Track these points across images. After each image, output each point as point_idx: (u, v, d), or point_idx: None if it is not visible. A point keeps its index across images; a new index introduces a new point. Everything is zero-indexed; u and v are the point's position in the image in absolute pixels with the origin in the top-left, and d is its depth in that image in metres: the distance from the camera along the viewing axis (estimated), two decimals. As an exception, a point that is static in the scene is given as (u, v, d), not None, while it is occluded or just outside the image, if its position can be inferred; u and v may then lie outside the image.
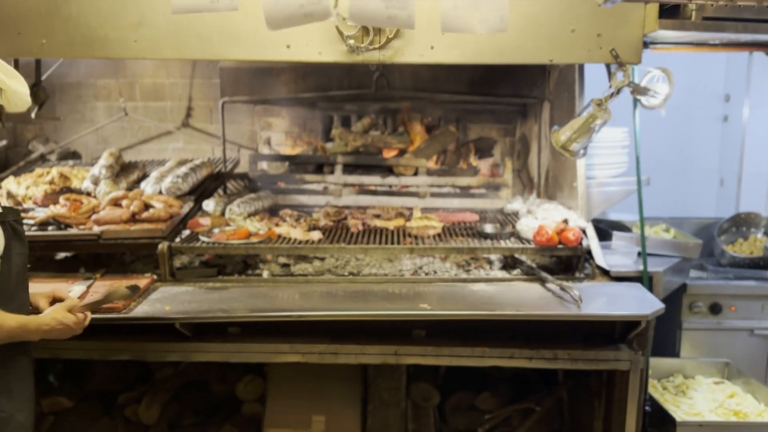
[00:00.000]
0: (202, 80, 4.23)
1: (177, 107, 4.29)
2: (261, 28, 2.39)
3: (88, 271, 2.81)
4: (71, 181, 3.40)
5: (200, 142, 4.34)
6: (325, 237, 2.92)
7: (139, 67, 4.18)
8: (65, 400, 3.09)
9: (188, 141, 4.35)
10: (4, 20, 2.46)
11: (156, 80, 4.24)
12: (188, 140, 4.34)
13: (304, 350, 2.47)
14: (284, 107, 4.10)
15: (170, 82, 4.25)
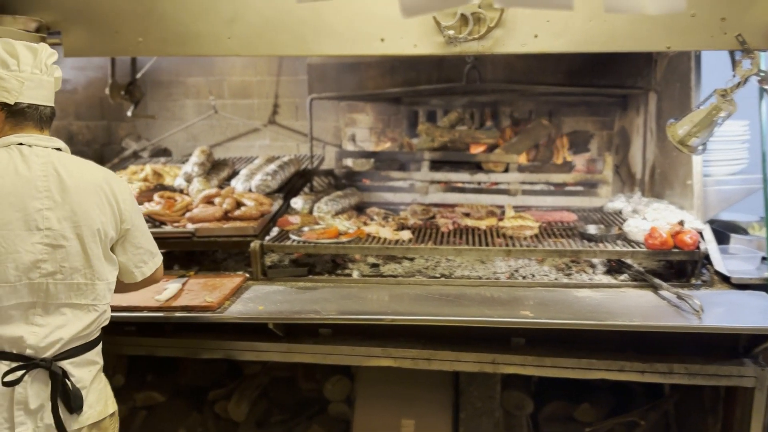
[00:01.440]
0: (288, 77, 4.23)
1: (264, 104, 4.32)
2: (355, 22, 2.33)
3: (181, 268, 2.84)
4: (164, 178, 3.46)
5: (286, 139, 4.36)
6: (414, 236, 2.83)
7: (227, 66, 4.23)
8: (158, 395, 3.15)
9: (274, 138, 4.38)
10: (102, 20, 2.50)
11: (244, 78, 4.28)
12: (274, 137, 4.37)
13: (397, 354, 2.39)
14: (369, 103, 4.04)
15: (257, 80, 4.28)
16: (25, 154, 1.75)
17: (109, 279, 1.86)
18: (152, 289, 2.45)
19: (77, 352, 1.82)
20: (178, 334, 2.53)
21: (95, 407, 1.87)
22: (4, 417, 1.74)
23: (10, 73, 1.75)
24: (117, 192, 1.88)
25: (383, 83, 3.48)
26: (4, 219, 1.69)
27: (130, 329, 2.50)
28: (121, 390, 3.11)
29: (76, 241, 1.77)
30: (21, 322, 1.74)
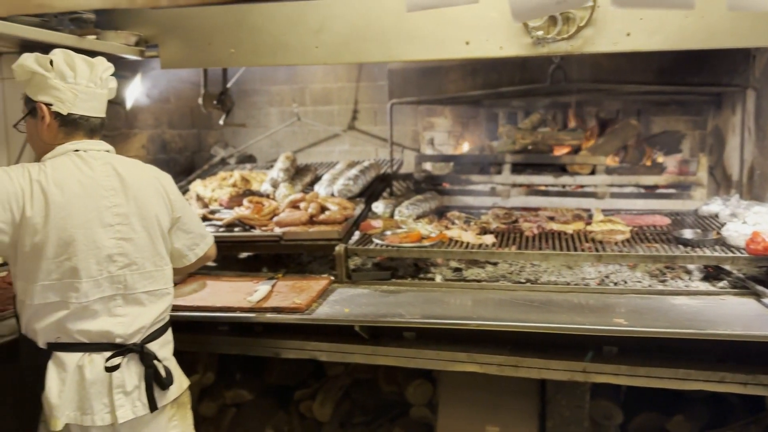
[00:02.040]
0: (367, 83, 4.29)
1: (343, 110, 4.40)
2: (439, 26, 2.34)
3: (269, 270, 2.93)
4: (251, 184, 3.58)
5: (365, 144, 4.42)
6: (498, 240, 2.79)
7: (309, 73, 4.34)
8: (246, 393, 3.26)
9: (353, 143, 4.44)
10: (196, 33, 2.62)
11: (325, 85, 4.37)
12: (353, 142, 4.44)
13: (482, 360, 2.36)
14: (447, 106, 4.03)
15: (338, 87, 4.36)
16: (85, 158, 1.86)
17: (169, 264, 2.02)
18: (245, 290, 2.56)
19: (158, 334, 1.97)
20: (267, 334, 2.61)
21: (175, 383, 2.00)
22: (104, 402, 1.85)
23: (66, 85, 1.85)
24: (166, 185, 2.03)
25: (464, 86, 3.47)
26: (80, 219, 1.79)
27: (223, 329, 2.60)
28: (212, 387, 3.25)
29: (143, 232, 1.90)
30: (105, 315, 1.85)
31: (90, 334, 1.84)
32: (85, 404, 1.85)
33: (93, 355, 1.85)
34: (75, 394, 1.86)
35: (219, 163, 4.23)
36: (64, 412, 1.85)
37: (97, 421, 1.85)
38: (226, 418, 3.20)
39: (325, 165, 3.98)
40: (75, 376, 1.85)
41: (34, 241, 1.77)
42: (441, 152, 3.91)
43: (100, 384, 1.85)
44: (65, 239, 1.78)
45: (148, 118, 3.65)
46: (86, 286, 1.81)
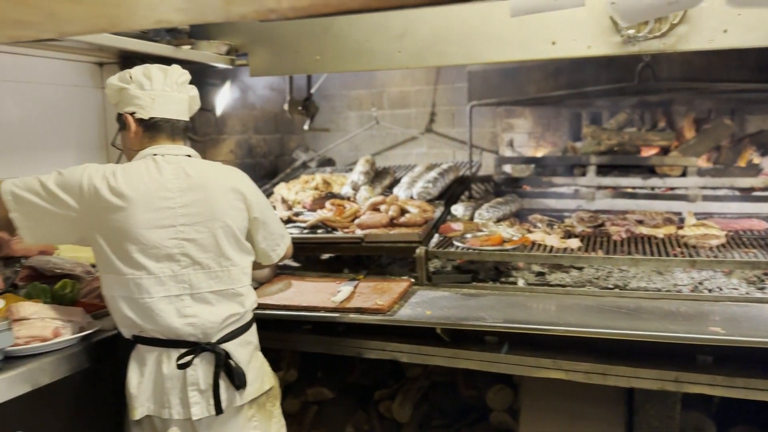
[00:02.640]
0: (445, 86, 4.30)
1: (421, 113, 4.42)
2: (524, 27, 2.32)
3: (350, 271, 2.99)
4: (332, 186, 3.66)
5: (442, 146, 4.42)
6: (583, 245, 2.73)
7: (387, 77, 4.39)
8: (327, 392, 3.33)
9: (431, 146, 4.46)
10: (283, 41, 2.71)
11: (402, 89, 4.41)
12: (431, 145, 4.45)
13: (568, 367, 2.31)
14: (527, 107, 3.98)
15: (415, 90, 4.39)
16: (158, 162, 1.94)
17: (241, 264, 2.03)
18: (328, 290, 2.62)
19: (235, 334, 2.01)
20: (349, 334, 2.65)
21: (254, 384, 2.04)
22: (179, 397, 1.93)
23: (144, 92, 1.97)
24: (242, 186, 2.05)
25: (546, 86, 3.41)
26: (143, 219, 1.87)
27: (306, 328, 2.67)
28: (294, 385, 3.34)
29: (208, 233, 1.94)
30: (175, 314, 1.91)
31: (163, 331, 1.92)
32: (162, 398, 1.94)
33: (170, 351, 1.93)
34: (153, 387, 1.94)
35: (300, 167, 4.34)
36: (143, 403, 1.94)
37: (174, 414, 1.93)
38: (308, 415, 3.28)
39: (403, 168, 4.01)
40: (153, 369, 1.94)
41: (100, 235, 1.89)
42: (521, 154, 3.86)
43: (175, 379, 1.93)
44: (125, 236, 1.86)
45: (236, 124, 3.81)
46: (147, 283, 1.88)
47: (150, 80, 1.98)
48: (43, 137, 2.84)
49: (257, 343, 2.15)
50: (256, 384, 2.06)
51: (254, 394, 2.05)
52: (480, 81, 3.63)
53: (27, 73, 2.74)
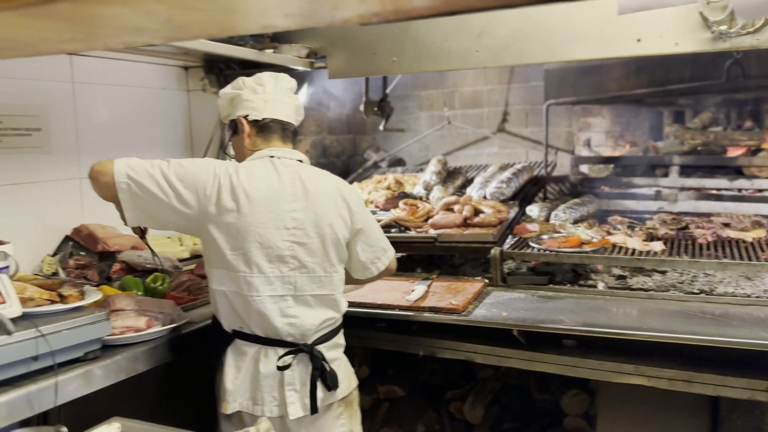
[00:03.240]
0: (518, 85, 4.24)
1: (493, 113, 4.38)
2: (608, 24, 2.26)
3: (423, 271, 3.00)
4: (404, 186, 3.68)
5: (514, 146, 4.36)
6: (667, 248, 2.63)
7: (459, 77, 4.37)
8: (398, 390, 3.35)
9: (503, 145, 4.41)
10: (361, 43, 2.76)
11: (474, 88, 4.38)
12: (503, 144, 4.40)
13: (651, 373, 2.24)
14: (605, 106, 3.87)
15: (488, 89, 4.35)
16: (276, 165, 1.99)
17: (341, 271, 2.08)
18: (402, 289, 2.65)
19: (328, 337, 2.06)
20: (422, 333, 2.67)
21: (343, 383, 2.08)
22: (274, 396, 1.98)
23: (256, 96, 2.05)
24: (348, 197, 2.08)
25: (627, 84, 3.31)
26: (261, 219, 1.92)
27: (380, 325, 2.70)
28: (366, 381, 3.37)
29: (317, 238, 1.98)
30: (278, 314, 1.96)
31: (265, 329, 1.97)
32: (257, 395, 1.99)
33: (268, 350, 1.98)
34: (248, 383, 2.00)
35: (372, 167, 4.39)
36: (237, 398, 2.00)
37: (266, 412, 1.98)
38: (379, 412, 3.31)
39: (475, 168, 3.99)
40: (250, 366, 2.00)
41: (216, 231, 1.92)
42: (598, 154, 3.76)
43: (272, 378, 1.98)
44: (243, 234, 1.91)
45: (312, 125, 3.89)
46: (257, 282, 1.93)
47: (262, 86, 2.07)
48: (133, 138, 3.00)
49: (343, 344, 2.20)
50: (345, 383, 2.11)
51: (344, 393, 2.10)
52: (557, 79, 3.57)
53: (118, 76, 2.90)
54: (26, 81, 2.51)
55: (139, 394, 2.09)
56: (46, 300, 1.81)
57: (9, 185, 2.44)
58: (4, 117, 2.43)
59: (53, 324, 1.71)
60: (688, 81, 3.13)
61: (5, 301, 1.69)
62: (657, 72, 3.20)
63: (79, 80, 2.71)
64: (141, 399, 2.13)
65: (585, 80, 3.44)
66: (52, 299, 1.82)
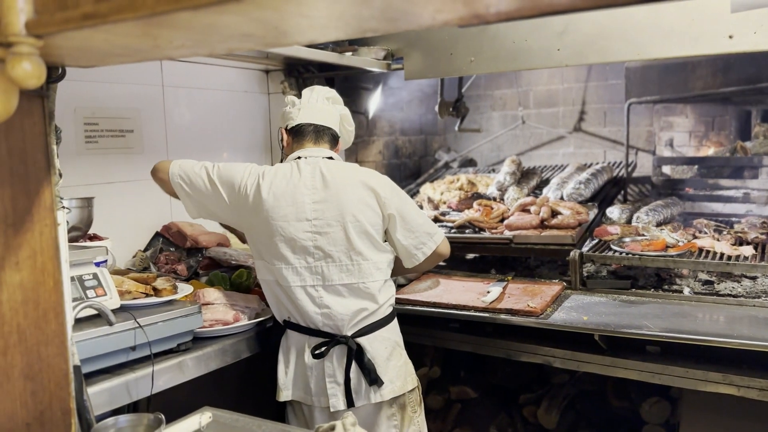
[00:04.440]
0: (596, 83, 4.13)
1: (569, 112, 4.29)
2: (697, 20, 2.18)
3: (497, 272, 2.97)
4: (477, 187, 3.66)
5: (591, 146, 4.26)
6: (758, 252, 2.51)
7: (534, 76, 4.30)
8: (471, 391, 3.34)
9: (579, 145, 4.31)
10: (438, 44, 2.76)
11: (550, 87, 4.30)
12: (579, 144, 4.30)
13: (741, 383, 2.14)
14: (688, 105, 3.72)
15: (564, 88, 4.27)
16: (300, 164, 2.08)
17: (374, 259, 2.06)
18: (477, 290, 2.64)
19: (370, 329, 2.06)
20: (497, 335, 2.64)
21: (395, 382, 2.06)
22: (320, 387, 2.03)
23: (293, 108, 2.18)
24: (375, 185, 2.08)
25: (714, 83, 3.17)
26: (282, 212, 2.01)
27: (454, 326, 2.70)
28: (438, 381, 3.38)
29: (339, 227, 2.01)
30: (311, 303, 2.02)
31: (305, 320, 2.04)
32: (306, 385, 2.05)
33: (311, 340, 2.04)
34: (299, 373, 2.07)
35: (443, 167, 4.38)
36: (288, 387, 2.08)
37: (315, 402, 2.04)
38: (452, 413, 3.31)
39: (550, 168, 3.92)
40: (297, 356, 2.07)
41: (249, 224, 2.08)
42: (681, 154, 3.62)
43: (315, 369, 2.03)
44: (270, 228, 2.02)
45: (385, 126, 3.93)
46: (287, 272, 2.02)
47: (300, 98, 2.22)
48: (216, 138, 3.12)
49: (399, 341, 2.17)
50: (398, 382, 2.08)
51: (395, 393, 2.08)
52: (639, 77, 3.45)
53: (203, 80, 3.03)
54: (121, 85, 2.65)
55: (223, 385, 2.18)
56: (142, 293, 1.92)
57: (105, 184, 2.59)
58: (101, 119, 2.59)
59: (149, 316, 1.81)
60: (780, 78, 2.97)
61: (106, 293, 1.80)
62: (747, 69, 3.04)
63: (168, 84, 2.84)
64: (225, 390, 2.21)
65: (668, 78, 3.31)
66: (147, 293, 1.93)
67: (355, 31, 1.04)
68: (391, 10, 0.89)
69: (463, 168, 4.37)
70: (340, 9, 0.84)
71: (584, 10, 0.79)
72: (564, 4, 0.75)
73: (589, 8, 0.79)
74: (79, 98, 2.49)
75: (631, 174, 3.57)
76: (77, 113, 2.51)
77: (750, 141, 3.41)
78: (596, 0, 0.83)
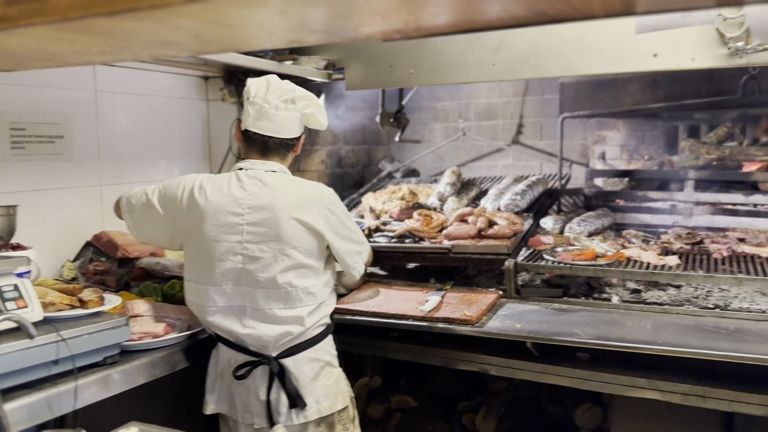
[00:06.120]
0: (534, 98, 4.25)
1: (508, 125, 4.40)
2: (624, 39, 2.28)
3: (437, 281, 3.01)
4: (418, 197, 3.70)
5: (529, 158, 4.37)
6: (682, 262, 2.63)
7: (474, 90, 4.39)
8: (411, 400, 3.36)
9: (517, 157, 4.42)
10: (379, 56, 2.79)
11: (490, 100, 4.40)
12: (517, 156, 4.41)
13: (665, 388, 2.23)
14: (620, 119, 3.87)
15: (502, 102, 4.37)
16: (240, 176, 1.98)
17: (304, 285, 1.98)
18: (416, 299, 2.66)
19: (296, 350, 2.00)
20: (436, 343, 2.67)
21: (322, 402, 2.01)
22: (243, 403, 2.00)
23: (247, 103, 2.02)
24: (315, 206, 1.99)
25: (643, 99, 3.32)
26: (213, 231, 1.93)
27: (393, 335, 2.71)
28: (379, 391, 3.39)
29: (270, 253, 1.93)
30: (238, 325, 1.97)
31: (231, 336, 1.99)
32: (232, 400, 2.01)
33: (238, 356, 1.99)
34: (224, 387, 2.03)
35: (386, 177, 4.41)
36: (215, 400, 2.04)
37: (239, 417, 2.00)
38: (392, 422, 3.32)
39: (489, 179, 4.00)
40: (224, 370, 2.03)
41: (185, 243, 2.03)
42: (613, 167, 3.76)
43: (240, 385, 1.99)
44: (199, 247, 1.96)
45: (328, 135, 3.93)
46: (214, 294, 1.95)
47: (254, 92, 2.01)
48: (153, 146, 3.05)
49: (331, 360, 2.11)
50: (326, 402, 2.03)
51: (322, 413, 2.02)
52: (573, 92, 3.58)
53: (139, 86, 2.96)
54: (50, 89, 2.56)
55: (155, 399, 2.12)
56: (67, 305, 1.85)
57: (32, 191, 2.49)
58: (28, 125, 2.49)
59: (74, 329, 1.75)
60: (704, 96, 3.13)
61: (27, 305, 1.73)
62: (673, 86, 3.20)
63: (101, 89, 2.76)
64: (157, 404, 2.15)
65: (600, 94, 3.45)
66: (72, 304, 1.86)
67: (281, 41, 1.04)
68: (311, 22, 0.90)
69: (406, 178, 4.41)
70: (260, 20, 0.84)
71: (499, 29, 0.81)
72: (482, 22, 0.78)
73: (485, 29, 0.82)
74: (4, 102, 2.40)
75: (565, 186, 3.68)
76: (3, 117, 2.41)
77: (677, 155, 3.58)
78: (467, 23, 0.86)
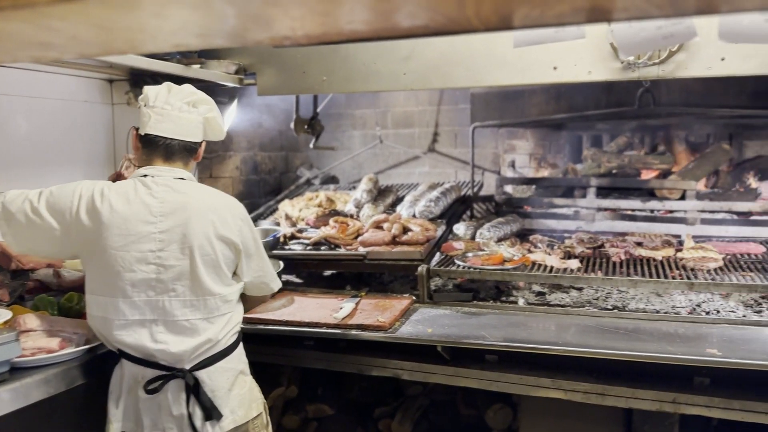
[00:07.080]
0: (448, 107, 4.35)
1: (424, 133, 4.48)
2: (527, 52, 2.37)
3: (353, 288, 3.01)
4: (335, 204, 3.70)
5: (444, 166, 4.47)
6: (583, 265, 2.76)
7: (391, 98, 4.45)
8: (327, 408, 3.34)
9: (433, 165, 4.50)
10: (291, 61, 2.77)
11: (406, 109, 4.47)
12: (433, 164, 4.50)
13: (568, 387, 2.33)
14: (529, 129, 4.03)
15: (419, 110, 4.45)
16: (147, 183, 1.88)
17: (220, 293, 1.92)
18: (330, 307, 2.65)
19: (211, 362, 1.93)
20: (351, 350, 2.67)
21: (237, 412, 1.96)
22: (153, 420, 1.90)
23: (146, 108, 1.93)
24: (230, 217, 1.94)
25: (547, 109, 3.47)
26: (120, 242, 1.83)
27: (308, 344, 2.69)
28: (295, 400, 3.35)
29: (186, 261, 1.86)
30: (148, 338, 1.87)
31: (139, 352, 1.88)
32: (139, 418, 1.91)
33: (146, 371, 1.89)
34: (130, 405, 1.93)
35: (304, 184, 4.39)
36: (120, 419, 1.92)
37: None
38: (308, 431, 3.29)
39: (406, 186, 4.05)
40: (131, 387, 1.92)
41: (81, 255, 1.90)
42: (522, 175, 3.90)
43: (149, 401, 1.90)
44: (106, 259, 1.84)
45: (242, 141, 3.86)
46: (124, 306, 1.85)
47: (153, 97, 1.93)
48: (53, 151, 2.89)
49: (244, 368, 2.06)
50: (240, 411, 1.98)
51: (237, 423, 1.97)
52: (483, 103, 3.69)
53: (39, 88, 2.80)
54: (-65, 90, 2.39)
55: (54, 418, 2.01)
56: (-51, 321, 1.72)
57: None
58: None
59: (-45, 346, 1.63)
60: (603, 107, 3.31)
61: None
62: (575, 98, 3.37)
63: (-5, 91, 2.60)
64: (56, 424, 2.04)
65: (508, 104, 3.58)
66: (-45, 320, 1.73)
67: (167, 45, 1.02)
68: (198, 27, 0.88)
69: (325, 185, 4.40)
70: (137, 23, 0.81)
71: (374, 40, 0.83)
72: (347, 32, 0.79)
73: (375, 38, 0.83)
74: None
75: (477, 193, 3.79)
76: None
77: (581, 163, 3.76)
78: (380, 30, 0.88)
